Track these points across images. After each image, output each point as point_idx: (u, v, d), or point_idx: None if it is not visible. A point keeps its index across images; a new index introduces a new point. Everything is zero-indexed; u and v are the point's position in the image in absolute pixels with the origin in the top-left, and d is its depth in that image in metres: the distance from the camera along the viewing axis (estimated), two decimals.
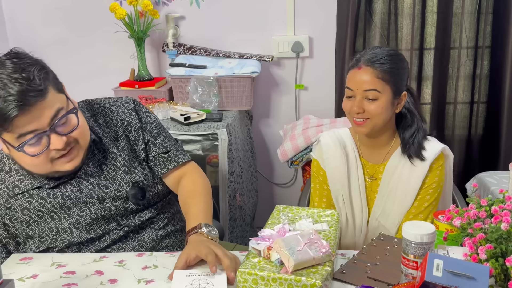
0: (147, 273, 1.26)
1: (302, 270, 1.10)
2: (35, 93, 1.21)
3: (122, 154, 1.44)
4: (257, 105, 2.94)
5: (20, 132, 1.22)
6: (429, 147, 1.63)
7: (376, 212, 1.68)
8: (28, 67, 1.22)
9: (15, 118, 1.19)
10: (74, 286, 1.22)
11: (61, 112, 1.27)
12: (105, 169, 1.42)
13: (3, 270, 1.07)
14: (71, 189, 1.39)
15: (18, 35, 2.98)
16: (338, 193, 1.69)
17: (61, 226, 1.37)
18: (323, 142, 1.72)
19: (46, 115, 1.24)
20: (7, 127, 1.22)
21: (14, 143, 1.25)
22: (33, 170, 1.33)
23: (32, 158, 1.27)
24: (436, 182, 1.62)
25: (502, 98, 2.69)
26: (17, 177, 1.37)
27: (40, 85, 1.22)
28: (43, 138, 1.26)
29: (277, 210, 1.41)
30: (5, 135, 1.25)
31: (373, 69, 1.55)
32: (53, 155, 1.29)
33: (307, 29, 2.84)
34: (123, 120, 1.47)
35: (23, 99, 1.18)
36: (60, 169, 1.33)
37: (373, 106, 1.56)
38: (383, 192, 1.66)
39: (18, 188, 1.36)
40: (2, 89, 1.18)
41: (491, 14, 2.70)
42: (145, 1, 2.66)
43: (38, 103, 1.22)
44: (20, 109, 1.19)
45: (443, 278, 0.95)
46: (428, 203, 1.63)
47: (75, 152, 1.33)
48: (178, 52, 2.83)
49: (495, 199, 1.13)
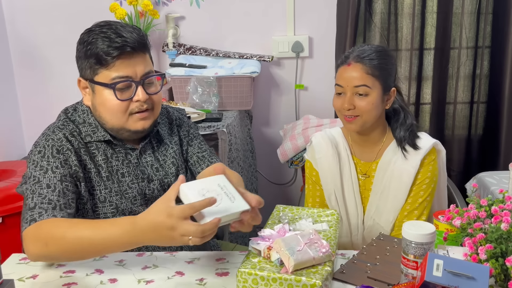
0: (147, 273, 1.27)
1: (302, 270, 1.10)
2: (142, 44, 1.37)
3: (173, 147, 1.54)
4: (257, 105, 2.94)
5: (117, 74, 1.34)
6: (421, 142, 1.64)
7: (370, 210, 1.69)
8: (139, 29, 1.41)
9: (121, 56, 1.32)
10: (74, 285, 1.22)
11: (151, 73, 1.41)
12: (157, 156, 1.51)
13: (3, 270, 1.07)
14: (129, 159, 1.45)
15: (18, 35, 2.98)
16: (330, 192, 1.70)
17: (114, 188, 1.42)
18: (315, 142, 1.73)
19: (142, 67, 1.37)
20: (110, 64, 1.33)
21: (107, 82, 1.35)
22: (110, 117, 1.39)
23: (115, 104, 1.36)
24: (429, 178, 1.63)
25: (502, 98, 2.69)
26: (90, 129, 1.42)
27: (146, 41, 1.40)
28: (131, 87, 1.37)
29: (277, 210, 1.41)
30: (100, 75, 1.35)
31: (363, 65, 1.57)
32: (133, 108, 1.38)
33: (307, 29, 2.84)
34: (177, 119, 1.60)
35: (133, 44, 1.34)
36: (132, 126, 1.40)
37: (364, 102, 1.57)
38: (376, 189, 1.67)
39: (89, 137, 1.42)
40: (115, 33, 1.33)
41: (491, 14, 2.70)
42: (145, 1, 2.66)
43: (141, 54, 1.37)
44: (129, 50, 1.33)
45: (443, 278, 0.95)
46: (422, 199, 1.63)
47: (149, 114, 1.41)
48: (178, 52, 2.83)
49: (495, 199, 1.13)
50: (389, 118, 1.70)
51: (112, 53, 1.32)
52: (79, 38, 1.39)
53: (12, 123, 3.03)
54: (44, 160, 1.34)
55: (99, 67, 1.34)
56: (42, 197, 1.29)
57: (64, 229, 1.20)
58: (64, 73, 3.00)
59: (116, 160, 1.44)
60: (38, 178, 1.32)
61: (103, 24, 1.38)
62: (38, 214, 1.25)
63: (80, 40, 1.38)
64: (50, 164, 1.34)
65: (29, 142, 3.10)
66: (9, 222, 2.23)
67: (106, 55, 1.32)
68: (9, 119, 3.01)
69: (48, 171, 1.33)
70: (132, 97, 1.37)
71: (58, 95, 3.01)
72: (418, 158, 1.62)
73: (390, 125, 1.69)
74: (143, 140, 1.48)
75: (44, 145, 1.36)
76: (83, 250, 1.20)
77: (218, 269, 1.28)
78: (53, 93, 3.03)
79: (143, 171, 1.47)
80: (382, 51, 1.62)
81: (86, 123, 1.43)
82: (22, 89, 3.06)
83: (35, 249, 1.22)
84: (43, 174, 1.32)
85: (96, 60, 1.34)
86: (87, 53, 1.35)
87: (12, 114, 3.04)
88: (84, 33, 1.38)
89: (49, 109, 3.01)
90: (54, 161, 1.34)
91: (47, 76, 3.03)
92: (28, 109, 3.08)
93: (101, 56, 1.32)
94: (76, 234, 1.19)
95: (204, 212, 1.10)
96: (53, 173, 1.33)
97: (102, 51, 1.32)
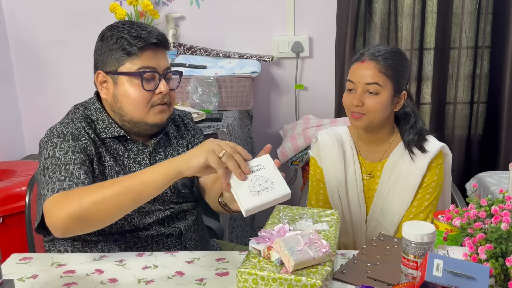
0: (147, 273, 1.27)
1: (302, 270, 1.10)
2: (165, 40, 1.43)
3: (179, 149, 1.56)
4: (257, 105, 2.94)
5: (142, 64, 1.37)
6: (429, 146, 1.63)
7: (374, 211, 1.68)
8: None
9: (148, 47, 1.37)
10: (74, 285, 1.22)
11: (170, 69, 1.46)
12: (167, 154, 1.52)
13: (3, 270, 1.07)
14: (142, 156, 1.46)
15: (18, 35, 2.98)
16: (334, 190, 1.70)
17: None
18: (321, 140, 1.72)
19: (164, 61, 1.43)
20: (137, 54, 1.37)
21: (134, 71, 1.38)
22: (132, 108, 1.40)
23: (139, 95, 1.38)
24: (435, 181, 1.63)
25: (502, 98, 2.69)
26: (104, 125, 1.43)
27: (167, 39, 1.45)
28: (155, 79, 1.40)
29: (277, 210, 1.41)
30: (126, 65, 1.38)
31: (377, 63, 1.56)
32: (154, 100, 1.40)
33: (307, 29, 2.84)
34: (184, 122, 1.61)
35: (159, 38, 1.39)
36: (151, 119, 1.41)
37: (373, 101, 1.56)
38: (382, 190, 1.66)
39: (104, 133, 1.43)
40: (139, 27, 1.39)
41: (491, 14, 2.70)
42: (145, 1, 2.66)
43: (164, 50, 1.43)
44: (156, 42, 1.38)
45: (443, 278, 0.95)
46: (428, 202, 1.63)
47: (167, 108, 1.44)
48: (178, 52, 2.83)
49: (495, 199, 1.13)
50: (398, 120, 1.68)
51: (139, 44, 1.36)
52: (101, 35, 1.43)
53: (12, 123, 3.03)
54: (65, 143, 1.35)
55: (126, 58, 1.37)
56: (70, 173, 1.29)
57: (97, 186, 1.21)
58: (64, 73, 3.00)
59: (128, 158, 1.45)
60: (58, 157, 1.32)
61: (123, 21, 1.44)
62: (68, 186, 1.25)
63: (102, 36, 1.42)
64: (71, 148, 1.34)
65: (29, 142, 3.10)
66: (9, 222, 2.24)
67: (134, 46, 1.36)
68: (9, 119, 3.01)
69: (68, 152, 1.33)
70: (155, 89, 1.39)
71: (58, 95, 3.02)
72: (425, 161, 1.61)
73: (399, 127, 1.68)
74: (154, 138, 1.49)
75: (63, 131, 1.37)
76: (122, 196, 1.17)
77: (218, 269, 1.28)
78: (53, 93, 3.03)
79: None
80: (398, 52, 1.61)
81: (100, 120, 1.44)
82: (22, 89, 3.06)
83: (66, 209, 1.17)
84: (63, 155, 1.32)
85: (123, 51, 1.37)
86: (112, 46, 1.38)
87: (12, 114, 3.04)
88: (106, 29, 1.42)
89: (49, 109, 3.02)
90: (74, 145, 1.35)
91: (47, 76, 3.03)
92: (28, 109, 3.08)
93: (129, 46, 1.36)
94: (110, 182, 1.20)
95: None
96: (74, 156, 1.33)
97: (130, 41, 1.36)
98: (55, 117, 1.48)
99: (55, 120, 1.49)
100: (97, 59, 1.43)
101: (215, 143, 1.17)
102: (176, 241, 1.49)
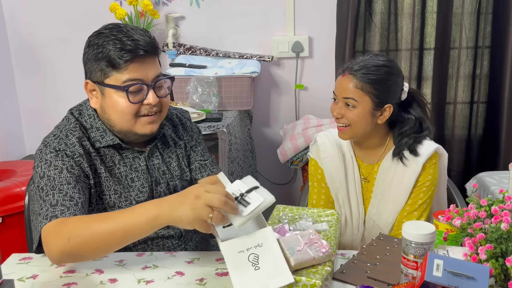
0: (147, 273, 1.27)
1: (302, 270, 1.10)
2: (154, 48, 1.37)
3: (177, 151, 1.54)
4: (257, 105, 2.94)
5: (129, 76, 1.32)
6: (422, 149, 1.63)
7: (371, 212, 1.70)
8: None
9: (134, 59, 1.31)
10: (74, 285, 1.22)
11: (161, 76, 1.40)
12: (164, 158, 1.51)
13: (3, 270, 1.07)
14: (138, 163, 1.45)
15: (18, 35, 2.98)
16: (337, 191, 1.71)
17: (124, 193, 1.41)
18: (320, 142, 1.73)
19: (153, 70, 1.37)
20: (123, 67, 1.31)
21: (119, 84, 1.33)
22: (119, 120, 1.37)
23: (125, 106, 1.34)
24: (429, 181, 1.63)
25: (502, 98, 2.69)
26: (98, 133, 1.41)
27: (157, 45, 1.39)
28: (142, 90, 1.35)
29: (277, 210, 1.41)
30: (112, 77, 1.33)
31: (355, 78, 1.58)
32: (142, 111, 1.37)
33: (307, 29, 2.84)
34: (182, 122, 1.59)
35: (146, 47, 1.33)
36: (139, 130, 1.39)
37: (351, 114, 1.60)
38: (377, 191, 1.68)
39: (99, 142, 1.41)
40: (126, 36, 1.32)
41: (491, 14, 2.70)
42: (145, 1, 2.66)
43: (153, 57, 1.37)
44: (142, 54, 1.32)
45: (443, 278, 0.95)
46: (422, 201, 1.64)
47: (157, 117, 1.41)
48: (178, 52, 2.83)
49: (495, 199, 1.13)
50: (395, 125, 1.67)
51: (125, 56, 1.30)
52: (88, 41, 1.37)
53: (12, 123, 3.03)
54: (59, 160, 1.33)
55: (111, 70, 1.32)
56: (63, 194, 1.27)
57: (86, 223, 1.19)
58: (64, 73, 3.00)
59: (124, 166, 1.43)
60: (53, 177, 1.30)
61: (112, 26, 1.36)
62: (60, 212, 1.24)
63: (89, 43, 1.36)
64: (65, 164, 1.32)
65: (29, 142, 3.10)
66: (9, 222, 2.24)
67: (119, 59, 1.30)
68: (9, 119, 3.01)
69: (63, 170, 1.31)
70: (143, 100, 1.35)
71: (58, 95, 3.02)
72: (419, 162, 1.62)
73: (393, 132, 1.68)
74: (150, 143, 1.47)
75: (56, 147, 1.34)
76: (106, 240, 1.17)
77: (218, 269, 1.28)
78: (53, 93, 3.03)
79: (151, 174, 1.46)
80: (384, 66, 1.59)
81: (94, 127, 1.41)
82: (22, 89, 3.06)
83: (57, 246, 1.18)
84: (58, 174, 1.31)
85: (108, 63, 1.31)
86: (98, 56, 1.33)
87: (12, 114, 3.04)
88: (93, 36, 1.36)
89: (49, 109, 3.03)
90: (68, 161, 1.33)
91: (47, 76, 3.03)
92: (28, 109, 3.08)
93: (114, 59, 1.30)
94: (99, 221, 1.18)
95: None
96: (69, 172, 1.32)
97: (115, 54, 1.30)
98: (55, 117, 1.48)
99: (55, 120, 1.49)
100: (85, 66, 1.39)
101: (201, 203, 1.07)
102: (176, 243, 1.49)
